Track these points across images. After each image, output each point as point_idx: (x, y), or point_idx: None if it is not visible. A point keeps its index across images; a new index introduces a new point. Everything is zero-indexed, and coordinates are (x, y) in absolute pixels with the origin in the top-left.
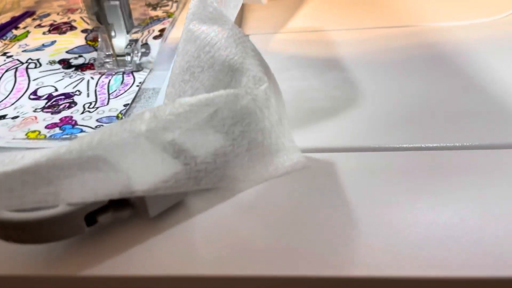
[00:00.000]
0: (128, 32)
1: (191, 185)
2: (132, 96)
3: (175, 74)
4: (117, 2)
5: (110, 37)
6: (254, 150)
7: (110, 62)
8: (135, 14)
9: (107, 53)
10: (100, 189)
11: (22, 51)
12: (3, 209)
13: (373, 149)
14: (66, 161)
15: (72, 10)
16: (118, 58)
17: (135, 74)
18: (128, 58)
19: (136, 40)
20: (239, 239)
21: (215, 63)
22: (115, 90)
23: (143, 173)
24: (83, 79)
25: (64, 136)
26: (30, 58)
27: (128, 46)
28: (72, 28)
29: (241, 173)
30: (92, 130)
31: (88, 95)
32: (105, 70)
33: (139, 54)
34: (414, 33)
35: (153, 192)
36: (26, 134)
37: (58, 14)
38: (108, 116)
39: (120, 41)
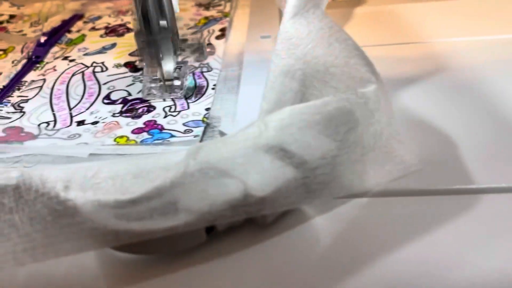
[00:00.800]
0: (175, 53)
1: (310, 199)
2: (211, 99)
3: (274, 77)
4: (165, 22)
5: (159, 60)
6: (367, 155)
7: (158, 88)
8: (187, 16)
9: (153, 78)
10: (220, 197)
11: (84, 55)
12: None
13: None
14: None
15: (122, 12)
16: (166, 83)
17: (205, 74)
18: (177, 82)
19: (185, 62)
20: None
21: (318, 63)
22: (192, 95)
23: (263, 185)
24: None
25: (156, 141)
26: (94, 62)
27: (177, 70)
28: (129, 30)
29: (356, 181)
30: (182, 134)
31: (164, 99)
32: (153, 98)
33: (188, 77)
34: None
35: (271, 205)
36: (114, 140)
37: (109, 16)
38: (194, 120)
39: (168, 64)
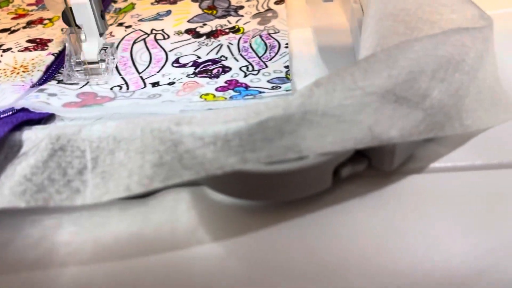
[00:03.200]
0: (101, 35)
1: (435, 132)
2: (287, 57)
3: (375, 21)
4: (86, 0)
5: (80, 41)
6: (478, 95)
7: (81, 71)
8: None
9: (77, 60)
10: (347, 138)
11: (138, 21)
12: (248, 163)
13: None
14: (303, 114)
15: None
16: (89, 65)
17: (274, 36)
18: (102, 65)
19: (111, 44)
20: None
21: (423, 4)
22: (265, 54)
23: (387, 124)
24: (221, 45)
25: (246, 97)
26: (153, 29)
27: (102, 51)
28: None
29: (470, 121)
30: (270, 90)
31: (236, 60)
32: (75, 81)
33: (115, 60)
34: None
35: (399, 140)
36: (201, 97)
37: None
38: (278, 77)
39: (92, 45)
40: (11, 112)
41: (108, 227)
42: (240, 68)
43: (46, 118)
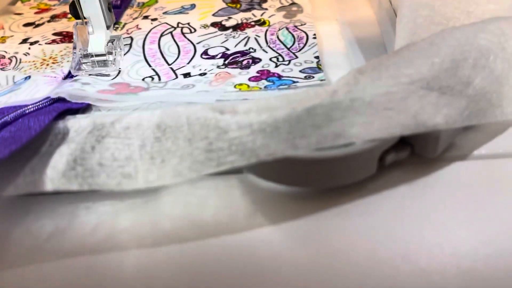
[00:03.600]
0: (108, 28)
1: (478, 119)
2: (316, 48)
3: (410, 11)
4: None
5: (87, 34)
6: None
7: (88, 63)
8: None
9: (85, 53)
10: (393, 125)
11: (163, 13)
12: (293, 150)
13: None
14: (350, 102)
15: None
16: (97, 58)
17: (300, 28)
18: (109, 57)
19: (118, 37)
20: None
21: None
22: (293, 45)
23: (432, 111)
24: (248, 37)
25: (281, 87)
26: (179, 22)
27: (109, 44)
28: None
29: (511, 106)
30: (303, 80)
31: (265, 51)
32: (82, 72)
33: (123, 53)
34: None
35: (444, 126)
36: (235, 87)
37: None
38: (310, 67)
39: (99, 38)
40: (48, 102)
41: (164, 212)
42: (270, 59)
43: (83, 109)
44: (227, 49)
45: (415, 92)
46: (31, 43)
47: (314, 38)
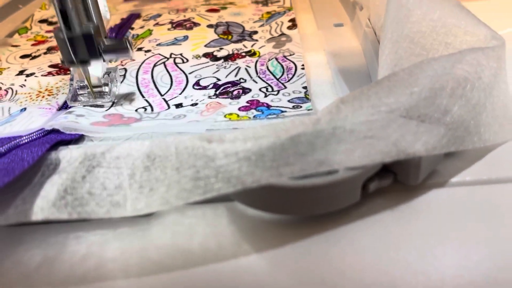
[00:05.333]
0: (104, 60)
1: (456, 146)
2: (304, 78)
3: (391, 43)
4: (91, 25)
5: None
6: (493, 112)
7: (85, 94)
8: (249, 12)
9: (81, 84)
10: (373, 153)
11: (157, 45)
12: (278, 177)
13: None
14: (332, 130)
15: (181, 10)
16: (94, 89)
17: (289, 58)
18: (105, 88)
19: (114, 69)
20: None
21: (437, 26)
22: (282, 76)
23: (412, 138)
24: (239, 68)
25: (270, 116)
26: (172, 53)
27: (106, 76)
28: (196, 24)
29: (488, 134)
30: (291, 109)
31: (255, 82)
32: (78, 104)
33: (118, 84)
34: None
35: (423, 153)
36: (225, 117)
37: (169, 13)
38: (298, 97)
39: (96, 70)
40: (42, 134)
41: (152, 241)
42: (260, 89)
43: (76, 139)
44: (218, 80)
45: (395, 121)
46: (27, 75)
47: (303, 68)
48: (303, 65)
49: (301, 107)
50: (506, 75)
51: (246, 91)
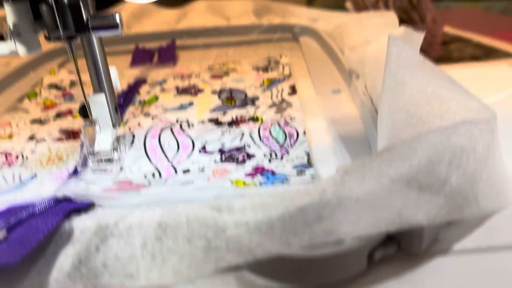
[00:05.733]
0: (114, 127)
1: (456, 214)
2: (305, 144)
3: (388, 114)
4: (103, 95)
5: (94, 133)
6: (489, 181)
7: (95, 160)
8: (251, 78)
9: (91, 151)
10: (379, 222)
11: (164, 111)
12: (287, 248)
13: None
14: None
15: (185, 76)
16: (103, 155)
17: (291, 123)
18: (115, 155)
19: (123, 135)
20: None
21: (431, 98)
22: (285, 142)
23: (414, 208)
24: (243, 133)
25: (275, 182)
26: (178, 118)
27: (115, 142)
28: (200, 90)
29: (486, 203)
30: (295, 176)
31: (259, 147)
32: (88, 169)
33: (127, 150)
34: None
35: (425, 222)
36: (232, 183)
37: (174, 79)
38: (302, 163)
39: (105, 136)
40: (54, 202)
41: None
42: (264, 155)
43: (86, 207)
44: (224, 144)
45: (397, 191)
46: (38, 141)
47: (304, 134)
48: (304, 131)
49: (304, 173)
50: (500, 145)
51: (250, 156)
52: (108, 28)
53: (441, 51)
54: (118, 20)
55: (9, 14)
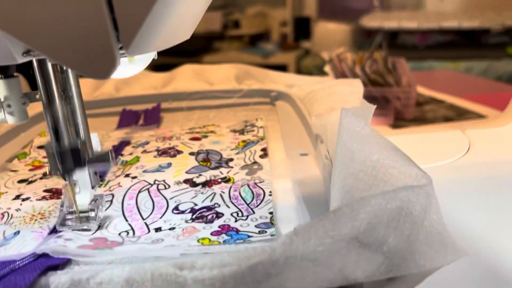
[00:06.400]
0: (93, 188)
1: (394, 272)
2: (270, 204)
3: (340, 180)
4: (78, 141)
5: (74, 194)
6: (428, 240)
7: (73, 219)
8: (227, 140)
9: (70, 210)
10: (322, 279)
11: (143, 172)
12: None
13: None
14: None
15: (167, 138)
16: (81, 214)
17: (259, 185)
18: (92, 214)
19: (101, 196)
20: None
21: (376, 166)
22: (252, 201)
23: (354, 266)
24: (214, 193)
25: (238, 241)
26: (156, 180)
27: (93, 202)
28: (179, 152)
29: (423, 261)
30: (257, 234)
31: (228, 206)
32: (67, 228)
33: (103, 209)
34: None
35: (364, 279)
36: (198, 241)
37: (156, 141)
38: (264, 222)
39: (84, 197)
40: (33, 258)
41: None
42: (231, 214)
43: (63, 263)
44: (196, 204)
45: (339, 251)
46: (23, 199)
47: (270, 195)
48: (270, 192)
49: (266, 232)
50: (438, 206)
51: (219, 215)
52: (101, 162)
53: (415, 112)
54: (109, 157)
55: (1, 88)
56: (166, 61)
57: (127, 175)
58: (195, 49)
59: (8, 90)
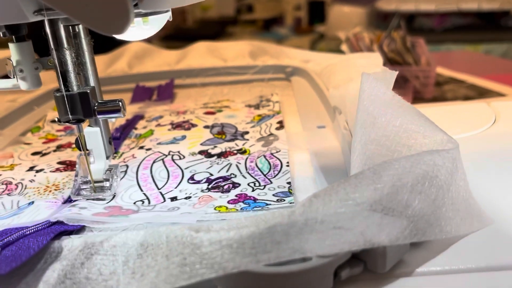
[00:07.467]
0: (107, 158)
1: (418, 237)
2: (288, 175)
3: (361, 145)
4: (97, 128)
5: (89, 163)
6: (453, 207)
7: (88, 189)
8: (242, 114)
9: (84, 180)
10: (343, 242)
11: (157, 144)
12: (255, 264)
13: None
14: (305, 221)
15: (181, 112)
16: (95, 184)
17: (276, 155)
18: (107, 184)
19: (116, 166)
20: None
21: (399, 131)
22: (269, 172)
23: (377, 230)
24: (230, 164)
25: (255, 208)
26: (170, 151)
27: (107, 172)
28: (193, 125)
29: (449, 227)
30: (275, 203)
31: (244, 177)
32: (81, 198)
33: (118, 179)
34: None
35: (387, 243)
36: (215, 209)
37: (170, 115)
38: (283, 192)
39: (99, 166)
40: (47, 225)
41: None
42: (248, 184)
43: (77, 230)
44: (211, 175)
45: (361, 213)
46: (37, 171)
47: (287, 166)
48: (288, 162)
49: (284, 200)
50: (464, 173)
51: (235, 185)
52: (112, 112)
53: (435, 91)
54: (120, 105)
55: (13, 52)
56: (179, 45)
57: (141, 147)
58: (209, 34)
59: (20, 55)
